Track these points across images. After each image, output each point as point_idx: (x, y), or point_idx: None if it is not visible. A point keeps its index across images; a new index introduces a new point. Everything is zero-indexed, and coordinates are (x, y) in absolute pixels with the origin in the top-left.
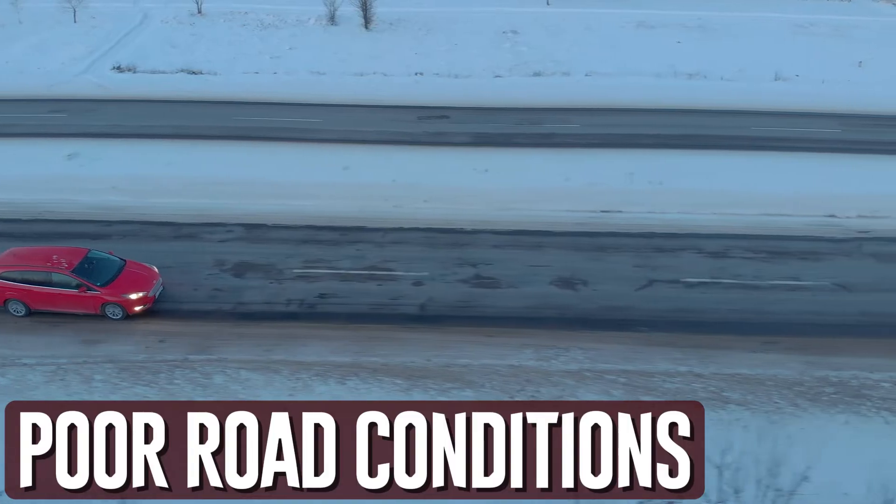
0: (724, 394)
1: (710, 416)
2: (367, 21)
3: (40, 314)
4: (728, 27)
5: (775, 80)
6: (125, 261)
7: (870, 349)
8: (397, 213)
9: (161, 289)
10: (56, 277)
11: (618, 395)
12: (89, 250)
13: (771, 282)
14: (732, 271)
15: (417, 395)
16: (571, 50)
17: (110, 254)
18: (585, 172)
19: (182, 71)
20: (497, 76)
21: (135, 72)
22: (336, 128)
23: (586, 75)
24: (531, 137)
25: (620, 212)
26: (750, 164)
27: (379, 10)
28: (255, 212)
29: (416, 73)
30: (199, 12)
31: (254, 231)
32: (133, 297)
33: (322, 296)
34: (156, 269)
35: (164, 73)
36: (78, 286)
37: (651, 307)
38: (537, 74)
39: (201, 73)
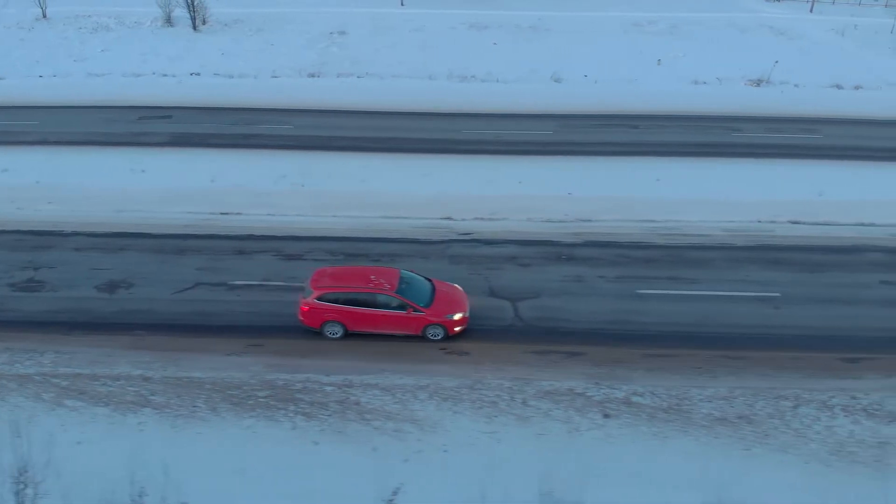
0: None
1: None
2: (195, 22)
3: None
4: (562, 26)
5: (553, 80)
6: (431, 280)
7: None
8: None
9: None
10: (381, 298)
11: (47, 397)
12: (401, 270)
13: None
14: (288, 273)
15: None
16: (382, 51)
17: (412, 272)
18: (241, 173)
19: None
20: (310, 76)
21: None
22: (45, 129)
23: (382, 78)
24: (231, 138)
25: (240, 213)
26: (406, 166)
27: (217, 10)
28: None
29: (190, 74)
30: (45, 17)
31: None
32: (456, 317)
33: None
34: (460, 288)
35: None
36: (403, 307)
37: (176, 310)
38: (339, 75)
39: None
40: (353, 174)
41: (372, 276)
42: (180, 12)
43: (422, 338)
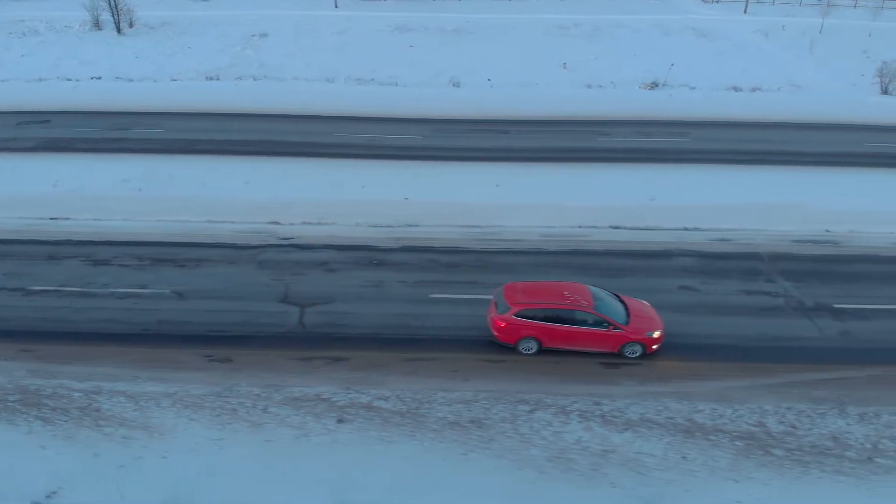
0: None
1: None
2: (119, 26)
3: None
4: (487, 29)
5: (452, 85)
6: (620, 296)
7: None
8: None
9: None
10: (578, 315)
11: None
12: (589, 286)
13: (97, 290)
14: (89, 279)
15: None
16: (296, 54)
17: (599, 288)
18: (86, 178)
19: None
20: (208, 79)
21: None
22: None
23: (282, 81)
24: (99, 142)
25: (69, 218)
26: (256, 170)
27: (147, 13)
28: None
29: (91, 78)
30: None
31: None
32: (655, 335)
33: None
34: (648, 304)
35: None
36: (601, 324)
37: None
38: (238, 78)
39: None
40: (197, 178)
41: (566, 292)
42: (109, 16)
43: (618, 355)
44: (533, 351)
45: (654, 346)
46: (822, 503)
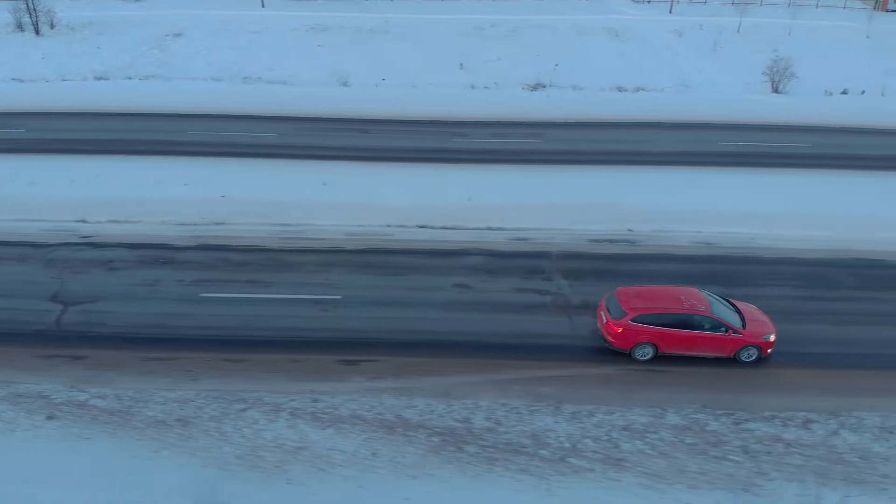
0: None
1: None
2: (37, 27)
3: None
4: (403, 29)
5: (340, 85)
6: (729, 299)
7: None
8: None
9: None
10: (697, 320)
11: None
12: (701, 289)
13: None
14: None
15: None
16: (201, 53)
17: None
18: None
19: None
20: (97, 79)
21: None
22: None
23: (168, 80)
24: None
25: None
26: (85, 168)
27: (71, 14)
28: None
29: None
30: None
31: None
32: (771, 338)
33: None
34: (755, 307)
35: None
36: (718, 328)
37: None
38: (128, 78)
39: None
40: (29, 177)
41: (681, 297)
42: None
43: (734, 360)
44: (648, 357)
45: (769, 350)
46: (487, 500)
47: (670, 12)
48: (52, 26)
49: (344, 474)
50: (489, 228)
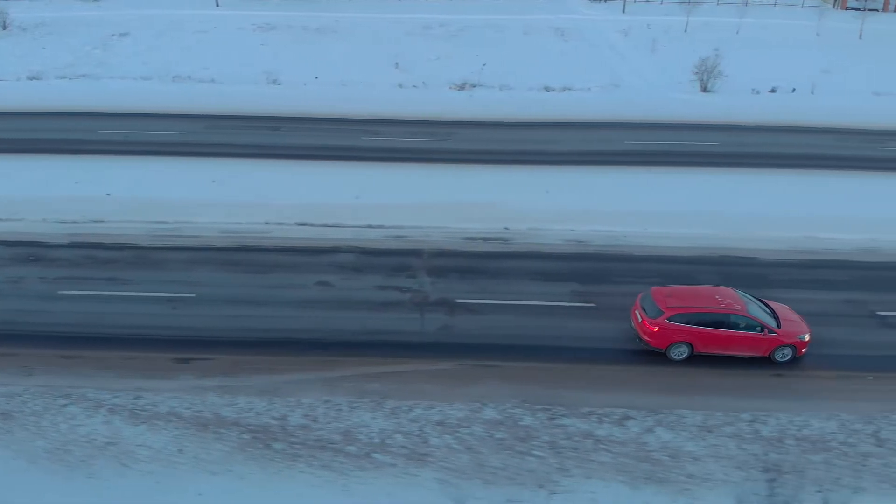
0: None
1: None
2: None
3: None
4: (352, 28)
5: (270, 83)
6: (761, 299)
7: None
8: None
9: None
10: (733, 319)
11: None
12: (737, 290)
13: None
14: None
15: None
16: (141, 53)
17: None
18: None
19: None
20: (30, 79)
21: None
22: None
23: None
24: None
25: None
26: None
27: (24, 15)
28: None
29: None
30: None
31: None
32: (806, 338)
33: None
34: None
35: None
36: (754, 328)
37: None
38: (61, 78)
39: None
40: None
41: (717, 296)
42: None
43: (768, 360)
44: (684, 356)
45: (804, 350)
46: (281, 495)
47: (623, 12)
48: (3, 27)
49: (145, 470)
50: (369, 226)
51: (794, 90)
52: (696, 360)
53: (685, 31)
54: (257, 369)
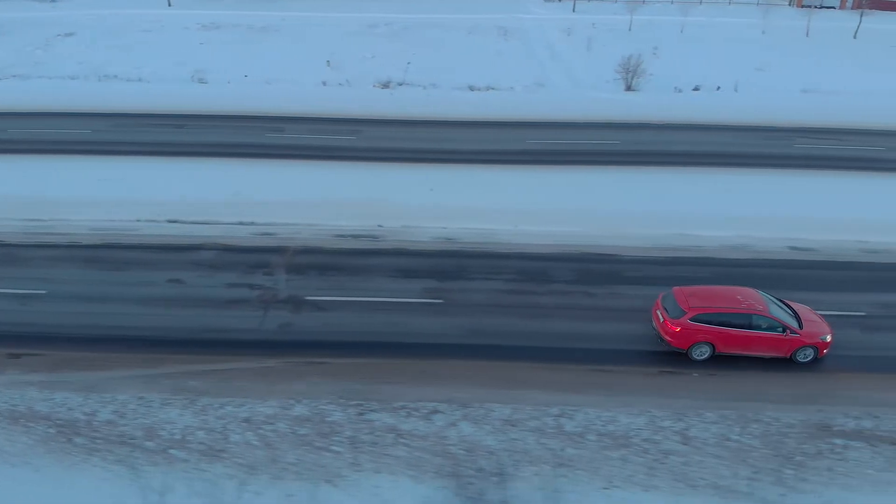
0: None
1: None
2: None
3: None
4: (296, 27)
5: (197, 81)
6: (782, 299)
7: None
8: None
9: None
10: (755, 320)
11: None
12: (759, 290)
13: None
14: None
15: None
16: (77, 53)
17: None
18: None
19: None
20: None
21: None
22: None
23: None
24: None
25: None
26: None
27: None
28: None
29: None
30: None
31: None
32: (828, 339)
33: None
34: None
35: None
36: (775, 328)
37: None
38: (2, 78)
39: None
40: None
41: (739, 296)
42: None
43: (790, 360)
44: (705, 356)
45: (825, 351)
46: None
47: (573, 11)
48: None
49: None
50: (241, 223)
51: (718, 88)
52: (514, 352)
53: (629, 29)
54: (83, 366)
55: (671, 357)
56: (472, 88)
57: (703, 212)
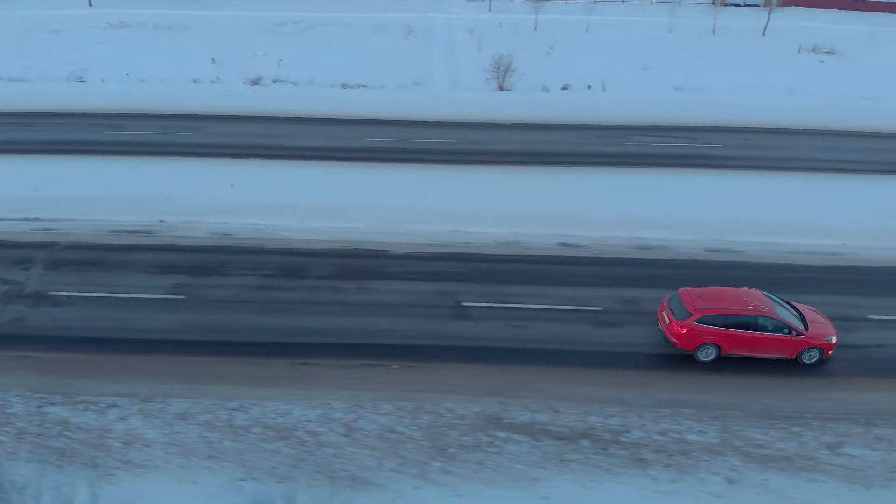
0: None
1: None
2: None
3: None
4: (204, 25)
5: (76, 80)
6: (787, 300)
7: None
8: None
9: None
10: (761, 321)
11: None
12: (763, 292)
13: None
14: None
15: None
16: None
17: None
18: None
19: None
20: None
21: None
22: None
23: None
24: None
25: None
26: None
27: None
28: None
29: None
30: None
31: None
32: (833, 340)
33: None
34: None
35: None
36: (781, 330)
37: None
38: None
39: None
40: None
41: (744, 298)
42: None
43: (795, 362)
44: (711, 358)
45: (831, 352)
46: None
47: (489, 10)
48: None
49: None
50: (25, 219)
51: (589, 87)
52: (233, 347)
53: (535, 29)
54: None
55: (372, 349)
56: (344, 86)
57: (483, 209)
